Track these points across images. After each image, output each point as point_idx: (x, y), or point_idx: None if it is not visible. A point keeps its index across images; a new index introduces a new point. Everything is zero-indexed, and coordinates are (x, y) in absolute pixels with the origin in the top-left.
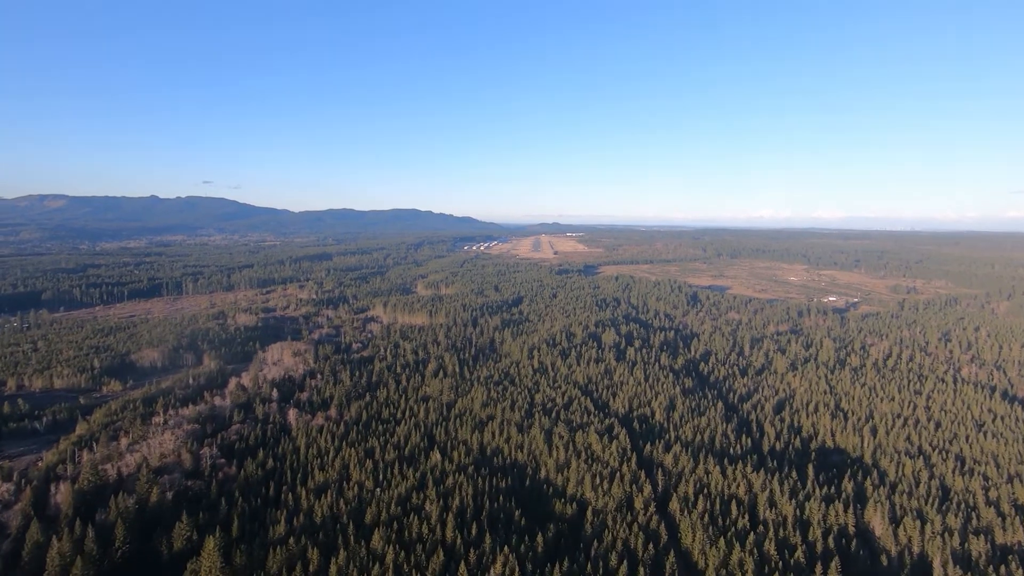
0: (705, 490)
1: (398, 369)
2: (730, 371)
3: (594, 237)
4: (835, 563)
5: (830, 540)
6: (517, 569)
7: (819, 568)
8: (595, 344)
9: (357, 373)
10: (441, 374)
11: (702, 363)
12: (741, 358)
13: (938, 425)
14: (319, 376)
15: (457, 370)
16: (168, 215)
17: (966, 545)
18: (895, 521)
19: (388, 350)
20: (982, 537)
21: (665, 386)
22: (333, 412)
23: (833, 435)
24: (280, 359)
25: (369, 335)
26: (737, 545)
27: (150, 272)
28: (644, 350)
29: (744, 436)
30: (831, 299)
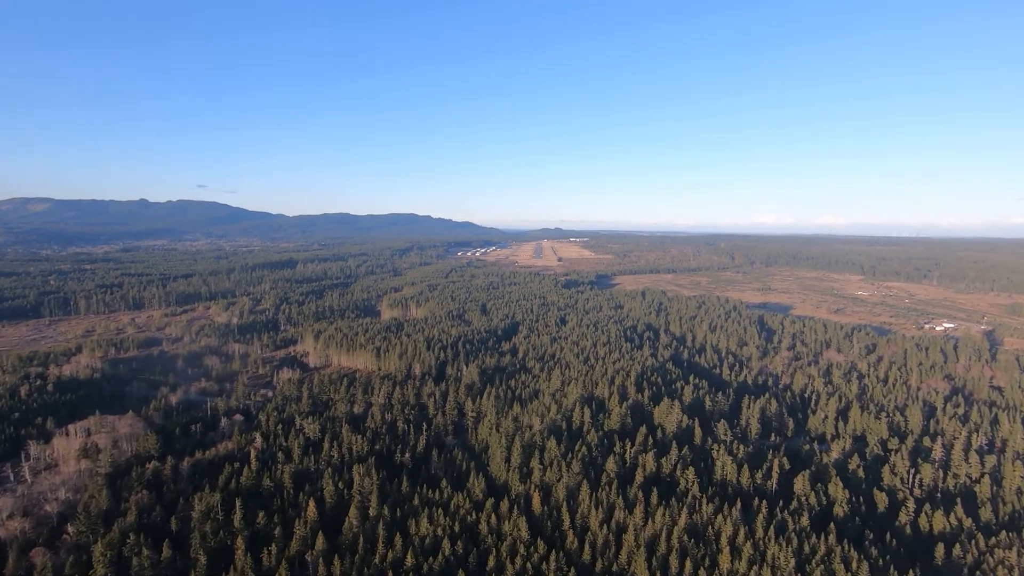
0: None
1: (239, 521)
2: (963, 534)
3: (600, 243)
4: None
5: None
6: None
7: None
8: (647, 432)
9: (153, 518)
10: (321, 544)
11: (875, 490)
12: (942, 471)
13: None
14: (67, 536)
15: (374, 512)
16: (157, 219)
17: None
18: None
19: (269, 443)
20: None
21: None
22: None
23: None
24: (55, 462)
25: (265, 397)
26: None
27: (77, 283)
28: (740, 448)
29: None
30: (947, 325)
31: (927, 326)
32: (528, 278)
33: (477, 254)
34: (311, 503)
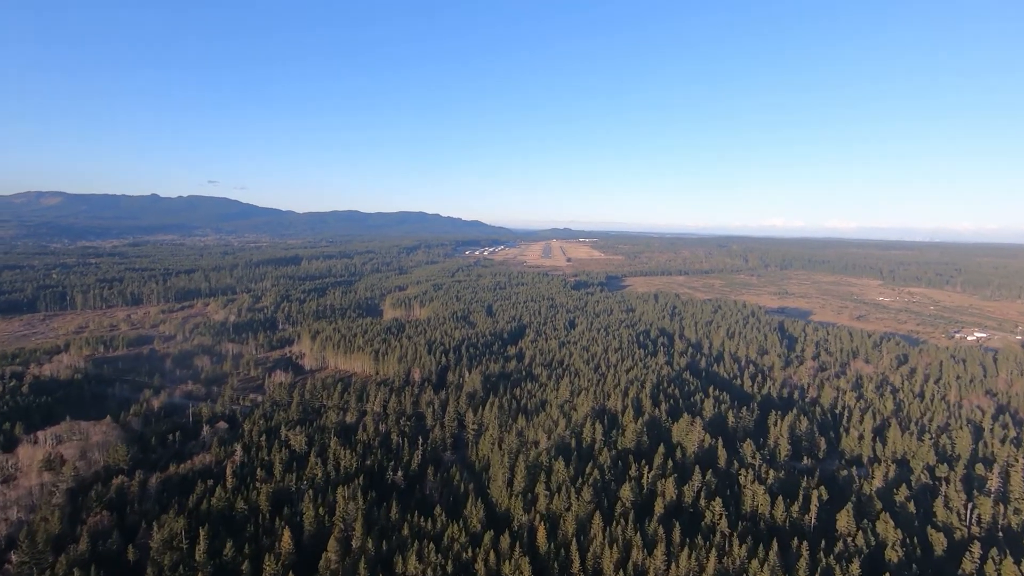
0: None
1: (202, 553)
2: None
3: (610, 243)
4: None
5: None
6: None
7: None
8: (665, 452)
9: (109, 546)
10: None
11: (929, 529)
12: (1002, 506)
13: None
14: (9, 567)
15: (357, 544)
16: (167, 214)
17: None
18: None
19: (250, 456)
20: None
21: None
22: None
23: None
24: (16, 474)
25: (253, 403)
26: None
27: (78, 277)
28: (769, 472)
29: None
30: (979, 335)
31: (958, 335)
32: (536, 278)
33: (485, 253)
34: (286, 532)
